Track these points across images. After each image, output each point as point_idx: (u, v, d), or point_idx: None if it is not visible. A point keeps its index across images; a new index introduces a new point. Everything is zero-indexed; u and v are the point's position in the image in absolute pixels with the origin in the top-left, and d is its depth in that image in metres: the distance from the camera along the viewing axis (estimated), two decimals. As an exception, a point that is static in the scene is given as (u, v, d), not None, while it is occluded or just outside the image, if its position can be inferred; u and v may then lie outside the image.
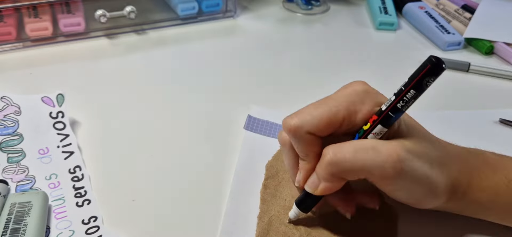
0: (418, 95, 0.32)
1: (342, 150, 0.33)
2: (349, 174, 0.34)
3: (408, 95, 0.33)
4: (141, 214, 0.39)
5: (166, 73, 0.59)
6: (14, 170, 0.42)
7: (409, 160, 0.33)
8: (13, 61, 0.59)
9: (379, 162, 0.33)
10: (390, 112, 0.33)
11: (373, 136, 0.34)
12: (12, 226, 0.35)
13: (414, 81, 0.32)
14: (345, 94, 0.35)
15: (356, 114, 0.35)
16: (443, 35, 0.67)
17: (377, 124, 0.34)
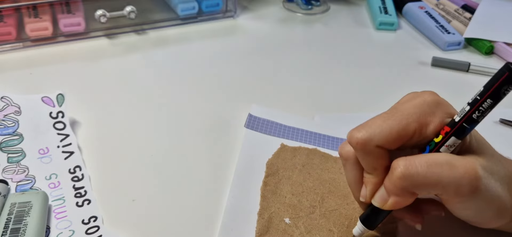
0: (494, 105, 0.31)
1: (414, 163, 0.31)
2: (422, 188, 0.32)
3: (484, 105, 0.31)
4: (141, 214, 0.39)
5: (166, 73, 0.59)
6: (14, 170, 0.42)
7: (486, 178, 0.32)
8: (13, 61, 0.59)
9: (455, 178, 0.31)
10: (465, 124, 0.32)
11: (445, 149, 0.32)
12: (12, 226, 0.35)
13: (491, 90, 0.30)
14: (415, 105, 0.34)
15: (427, 127, 0.33)
16: (443, 35, 0.67)
17: (450, 135, 0.32)
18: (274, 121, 0.50)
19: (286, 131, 0.49)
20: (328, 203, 0.41)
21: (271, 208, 0.40)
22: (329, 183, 0.42)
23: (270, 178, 0.43)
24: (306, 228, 0.39)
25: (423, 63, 0.63)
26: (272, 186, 0.42)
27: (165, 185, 0.42)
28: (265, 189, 0.42)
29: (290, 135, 0.49)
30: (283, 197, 0.41)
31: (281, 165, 0.45)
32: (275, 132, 0.49)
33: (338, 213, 0.40)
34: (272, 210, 0.40)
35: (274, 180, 0.43)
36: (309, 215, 0.40)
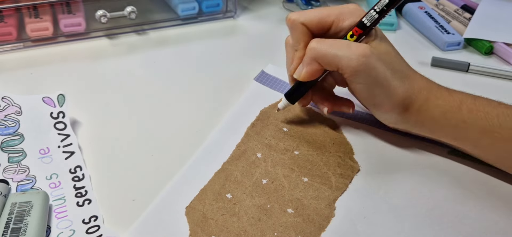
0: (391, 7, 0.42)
1: (323, 41, 0.43)
2: (325, 59, 0.43)
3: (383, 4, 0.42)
4: (141, 213, 0.39)
5: (167, 73, 0.59)
6: (15, 169, 0.42)
7: (374, 59, 0.41)
8: (13, 61, 0.59)
9: (348, 53, 0.41)
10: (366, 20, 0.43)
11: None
12: (12, 226, 0.35)
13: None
14: (342, 6, 0.45)
15: (344, 21, 0.44)
16: (442, 35, 0.67)
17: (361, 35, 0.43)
18: (283, 80, 0.56)
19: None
20: (301, 150, 0.46)
21: (249, 143, 0.46)
22: (310, 135, 0.48)
23: (259, 122, 0.49)
24: (272, 163, 0.44)
25: (423, 64, 0.63)
26: (257, 128, 0.48)
27: (165, 185, 0.42)
28: (251, 129, 0.48)
29: None
30: (264, 138, 0.47)
31: (273, 114, 0.50)
32: (280, 88, 0.54)
33: (305, 158, 0.45)
34: (250, 145, 0.46)
35: (262, 124, 0.49)
36: (280, 155, 0.45)
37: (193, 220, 0.38)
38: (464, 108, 0.43)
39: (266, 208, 0.40)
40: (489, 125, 0.42)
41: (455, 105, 0.43)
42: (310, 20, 0.44)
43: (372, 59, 0.41)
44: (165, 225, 0.38)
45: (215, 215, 0.39)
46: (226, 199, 0.40)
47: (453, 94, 0.44)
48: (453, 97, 0.44)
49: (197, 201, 0.40)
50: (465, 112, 0.43)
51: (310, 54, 0.43)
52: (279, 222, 0.39)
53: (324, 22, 0.44)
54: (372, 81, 0.42)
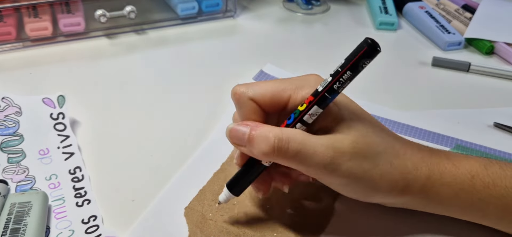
0: (353, 77, 0.33)
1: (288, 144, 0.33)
2: (286, 164, 0.34)
3: (344, 76, 0.33)
4: (141, 214, 0.39)
5: (166, 73, 0.59)
6: (14, 170, 0.42)
7: (344, 161, 0.34)
8: (13, 61, 0.59)
9: (313, 163, 0.33)
10: (327, 93, 0.33)
11: (309, 117, 0.34)
12: (12, 226, 0.35)
13: (350, 63, 0.32)
14: (298, 79, 0.37)
15: (301, 96, 0.35)
16: (443, 35, 0.67)
17: (313, 105, 0.34)
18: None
19: None
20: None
21: None
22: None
23: None
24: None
25: (424, 63, 0.63)
26: None
27: (165, 185, 0.42)
28: None
29: None
30: None
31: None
32: None
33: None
34: None
35: None
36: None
37: (192, 221, 0.38)
38: (478, 183, 0.36)
39: (266, 209, 0.40)
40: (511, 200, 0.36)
41: (466, 181, 0.36)
42: (261, 96, 0.36)
43: (341, 163, 0.34)
44: (164, 226, 0.38)
45: (214, 216, 0.39)
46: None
47: (460, 167, 0.37)
48: (461, 171, 0.36)
49: (196, 201, 0.40)
50: (480, 188, 0.36)
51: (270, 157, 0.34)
52: (278, 222, 0.39)
53: (278, 98, 0.36)
54: (349, 182, 0.35)
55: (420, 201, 0.37)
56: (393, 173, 0.35)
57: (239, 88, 0.36)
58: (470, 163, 0.37)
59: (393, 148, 0.36)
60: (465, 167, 0.37)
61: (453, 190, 0.36)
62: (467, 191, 0.36)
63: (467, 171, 0.36)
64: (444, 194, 0.36)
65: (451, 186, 0.36)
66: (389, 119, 0.51)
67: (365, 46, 0.32)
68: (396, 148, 0.36)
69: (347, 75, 0.33)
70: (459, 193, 0.36)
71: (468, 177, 0.36)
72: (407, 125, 0.51)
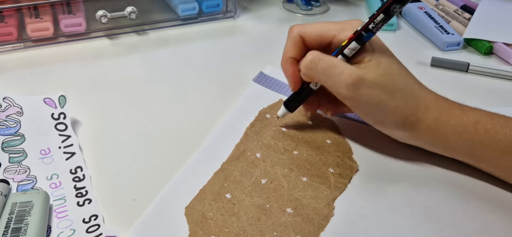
0: (387, 19, 0.40)
1: (319, 60, 0.41)
2: (317, 81, 0.44)
3: (378, 18, 0.40)
4: (142, 213, 0.39)
5: (167, 74, 0.59)
6: (15, 170, 0.42)
7: (365, 86, 0.40)
8: (14, 61, 0.59)
9: (338, 81, 0.41)
10: (363, 32, 0.41)
11: (348, 50, 0.42)
12: (13, 226, 0.35)
13: (383, 7, 0.40)
14: (343, 22, 0.44)
15: (344, 35, 0.42)
16: (442, 35, 0.67)
17: (352, 40, 0.41)
18: (281, 81, 0.56)
19: (288, 90, 0.51)
20: (300, 150, 0.46)
21: (248, 144, 0.47)
22: (308, 135, 0.48)
23: (258, 122, 0.49)
24: (271, 163, 0.44)
25: (423, 64, 0.64)
26: (256, 128, 0.49)
27: (166, 184, 0.42)
28: (250, 129, 0.48)
29: (290, 93, 0.51)
30: (263, 138, 0.47)
31: (272, 115, 0.50)
32: (279, 89, 0.55)
33: (304, 158, 0.45)
34: (249, 146, 0.46)
35: (261, 124, 0.49)
36: (279, 155, 0.45)
37: (193, 220, 0.38)
38: (480, 128, 0.41)
39: (266, 208, 0.40)
40: (509, 145, 0.40)
41: (470, 124, 0.41)
42: (308, 34, 0.44)
43: (361, 87, 0.40)
44: (164, 225, 0.38)
45: (214, 215, 0.39)
46: (226, 199, 0.40)
47: (467, 113, 0.42)
48: (467, 116, 0.42)
49: (196, 201, 0.40)
50: (482, 132, 0.41)
51: (304, 72, 0.43)
52: (278, 221, 0.39)
53: (323, 37, 0.43)
54: (366, 106, 0.42)
55: (426, 138, 0.43)
56: (406, 108, 0.41)
57: (295, 26, 0.44)
58: (478, 111, 0.43)
59: (412, 89, 0.42)
60: (472, 113, 0.42)
61: (457, 131, 0.42)
62: (470, 132, 0.41)
63: (473, 117, 0.42)
64: (449, 135, 0.42)
65: (456, 127, 0.42)
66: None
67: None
68: (414, 90, 0.42)
69: (381, 18, 0.40)
70: (462, 134, 0.41)
71: (473, 122, 0.41)
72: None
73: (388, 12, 0.40)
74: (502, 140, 0.40)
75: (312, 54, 0.42)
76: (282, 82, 0.56)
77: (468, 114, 0.42)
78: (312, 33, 0.43)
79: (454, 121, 0.42)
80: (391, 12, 0.39)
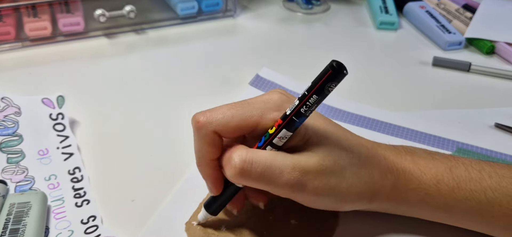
0: (320, 100, 0.32)
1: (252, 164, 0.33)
2: (252, 186, 0.34)
3: (310, 100, 0.32)
4: (140, 214, 0.39)
5: (166, 73, 0.59)
6: (13, 170, 0.42)
7: (311, 181, 0.33)
8: (12, 61, 0.59)
9: (279, 184, 0.33)
10: (294, 117, 0.33)
11: (278, 140, 0.34)
12: (11, 226, 0.35)
13: (316, 87, 0.32)
14: (262, 100, 0.35)
15: (269, 121, 0.34)
16: (444, 34, 0.67)
17: (281, 128, 0.33)
18: (278, 84, 0.55)
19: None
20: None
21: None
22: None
23: None
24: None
25: (424, 63, 0.63)
26: None
27: (164, 185, 0.42)
28: None
29: None
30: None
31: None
32: None
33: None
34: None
35: None
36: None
37: (194, 236, 0.37)
38: (443, 188, 0.36)
39: (269, 220, 0.39)
40: (476, 205, 0.36)
41: (432, 186, 0.36)
42: (225, 127, 0.34)
43: (308, 183, 0.34)
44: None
45: (216, 230, 0.38)
46: (227, 211, 0.39)
47: (425, 172, 0.37)
48: (427, 177, 0.37)
49: (196, 215, 0.39)
50: (446, 193, 0.36)
51: (236, 180, 0.34)
52: (282, 234, 0.38)
53: (244, 127, 0.34)
54: (314, 198, 0.35)
55: (388, 206, 0.38)
56: (360, 185, 0.35)
57: (200, 117, 0.34)
58: (436, 166, 0.37)
59: (359, 158, 0.36)
60: (431, 172, 0.37)
61: (419, 195, 0.37)
62: (432, 195, 0.36)
63: (433, 176, 0.37)
64: (410, 199, 0.37)
65: (417, 191, 0.37)
66: (388, 122, 0.51)
67: (329, 70, 0.31)
68: (362, 158, 0.36)
69: (314, 99, 0.32)
70: (425, 198, 0.37)
71: (434, 182, 0.36)
72: (407, 128, 0.50)
73: (322, 92, 0.32)
74: (468, 198, 0.36)
75: (238, 157, 0.33)
76: (279, 85, 0.55)
77: (426, 172, 0.37)
78: (231, 126, 0.34)
79: (414, 184, 0.37)
80: (326, 91, 0.32)
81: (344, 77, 0.31)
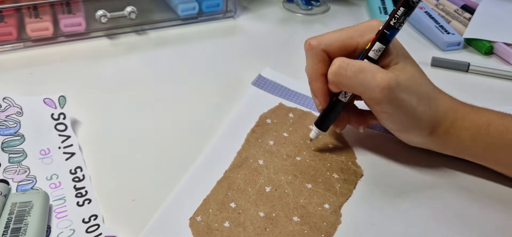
0: (408, 13, 0.38)
1: (347, 66, 0.39)
2: (348, 88, 0.41)
3: (398, 13, 0.39)
4: (141, 213, 0.39)
5: (167, 74, 0.59)
6: (15, 170, 0.42)
7: (398, 90, 0.39)
8: (13, 61, 0.59)
9: (372, 85, 0.39)
10: (385, 30, 0.39)
11: (373, 53, 0.40)
12: (13, 226, 0.35)
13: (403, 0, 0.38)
14: (362, 25, 0.42)
15: (367, 41, 0.40)
16: (442, 35, 0.67)
17: (375, 40, 0.40)
18: (283, 85, 0.55)
19: (288, 93, 0.51)
20: (302, 156, 0.45)
21: (250, 150, 0.46)
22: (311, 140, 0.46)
23: (259, 128, 0.48)
24: (274, 169, 0.44)
25: (423, 63, 0.63)
26: (258, 134, 0.48)
27: (165, 185, 0.42)
28: (251, 135, 0.47)
29: (290, 97, 0.52)
30: (265, 144, 0.46)
31: (273, 120, 0.50)
32: (278, 92, 0.54)
33: (308, 164, 0.45)
34: (251, 152, 0.45)
35: (262, 130, 0.48)
36: (282, 161, 0.45)
37: (198, 232, 0.38)
38: (492, 129, 0.41)
39: (272, 217, 0.39)
40: None
41: (483, 126, 0.41)
42: (332, 46, 0.41)
43: (396, 91, 0.39)
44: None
45: (220, 226, 0.38)
46: (230, 208, 0.40)
47: (480, 114, 0.42)
48: (480, 118, 0.42)
49: (200, 211, 0.39)
50: (494, 133, 0.41)
51: (333, 80, 0.40)
52: (285, 231, 0.38)
53: (347, 46, 0.41)
54: (397, 112, 0.40)
55: (442, 142, 0.43)
56: (429, 113, 0.41)
57: (312, 40, 0.42)
58: (489, 112, 0.43)
59: (433, 92, 0.42)
60: (484, 115, 0.42)
61: (471, 133, 0.42)
62: (483, 134, 0.41)
63: (485, 118, 0.42)
64: (463, 137, 0.42)
65: (470, 130, 0.42)
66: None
67: None
68: (434, 93, 0.42)
69: (402, 11, 0.38)
70: (475, 137, 0.42)
71: (485, 123, 0.41)
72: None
73: (408, 4, 0.38)
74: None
75: (338, 60, 0.40)
76: (282, 85, 0.55)
77: (480, 115, 0.42)
78: (336, 45, 0.41)
79: (468, 123, 0.42)
80: (411, 3, 0.38)
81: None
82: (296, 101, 0.53)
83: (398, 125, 0.42)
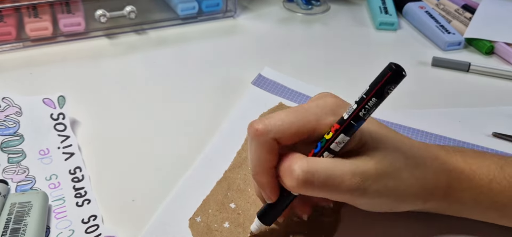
0: (379, 103, 0.32)
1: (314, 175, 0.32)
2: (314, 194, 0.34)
3: (369, 103, 0.32)
4: (141, 214, 0.39)
5: (166, 73, 0.59)
6: (14, 170, 0.42)
7: (371, 184, 0.33)
8: (13, 61, 0.59)
9: (341, 190, 0.33)
10: (352, 121, 0.32)
11: (335, 145, 0.33)
12: (12, 226, 0.35)
13: (375, 90, 0.31)
14: (317, 105, 0.35)
15: (325, 126, 0.34)
16: (443, 35, 0.67)
17: (339, 133, 0.33)
18: (283, 84, 0.55)
19: (288, 93, 0.51)
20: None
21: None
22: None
23: None
24: None
25: (423, 63, 0.63)
26: None
27: (165, 185, 0.42)
28: None
29: (290, 96, 0.53)
30: None
31: None
32: (278, 91, 0.54)
33: None
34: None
35: None
36: None
37: (198, 232, 0.38)
38: (496, 187, 0.37)
39: None
40: None
41: (484, 185, 0.37)
42: (284, 134, 0.33)
43: (368, 186, 0.33)
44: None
45: (220, 226, 0.38)
46: (230, 209, 0.40)
47: (476, 171, 0.37)
48: (479, 176, 0.37)
49: (200, 212, 0.39)
50: (498, 191, 0.37)
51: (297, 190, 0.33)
52: (285, 231, 0.38)
53: (301, 133, 0.34)
54: (374, 202, 0.35)
55: (442, 206, 0.38)
56: (416, 185, 0.35)
57: (257, 125, 0.33)
58: (487, 165, 0.38)
59: (414, 159, 0.36)
60: (482, 171, 0.37)
61: (472, 194, 0.37)
62: (486, 194, 0.37)
63: (485, 175, 0.37)
64: (464, 199, 0.37)
65: (471, 191, 0.37)
66: (390, 122, 0.51)
67: (389, 72, 0.31)
68: (416, 159, 0.36)
69: (373, 102, 0.32)
70: (478, 197, 0.37)
71: (486, 182, 0.37)
72: (408, 127, 0.50)
73: (381, 95, 0.31)
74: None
75: (300, 168, 0.32)
76: (281, 84, 0.55)
77: (477, 171, 0.37)
78: (288, 133, 0.33)
79: (467, 183, 0.37)
80: (385, 94, 0.31)
81: (403, 78, 0.31)
82: (296, 101, 0.53)
83: (383, 208, 0.37)
